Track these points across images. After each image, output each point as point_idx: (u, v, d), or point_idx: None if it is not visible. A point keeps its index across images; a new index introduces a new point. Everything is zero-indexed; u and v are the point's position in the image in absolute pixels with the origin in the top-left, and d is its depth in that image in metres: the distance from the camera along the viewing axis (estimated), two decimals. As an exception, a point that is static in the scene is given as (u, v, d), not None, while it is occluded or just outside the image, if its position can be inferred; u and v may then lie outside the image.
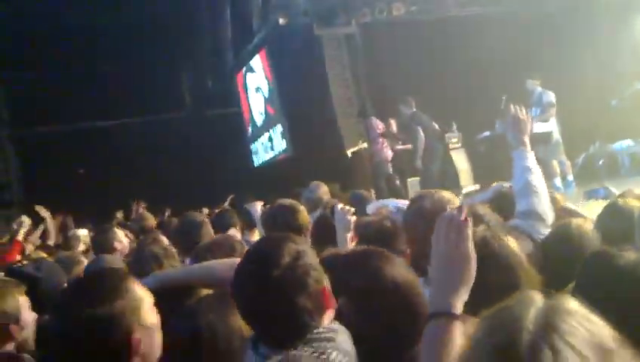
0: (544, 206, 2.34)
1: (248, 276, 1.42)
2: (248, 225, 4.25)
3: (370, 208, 3.91)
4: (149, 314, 1.45)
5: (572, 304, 0.85)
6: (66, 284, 2.76)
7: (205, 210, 7.38)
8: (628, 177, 6.66)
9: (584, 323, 0.82)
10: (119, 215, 8.98)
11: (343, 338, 1.39)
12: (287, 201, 3.45)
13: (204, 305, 1.59)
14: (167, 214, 8.93)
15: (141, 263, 2.59)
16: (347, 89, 11.50)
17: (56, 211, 6.97)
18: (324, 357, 1.32)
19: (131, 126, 16.13)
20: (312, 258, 1.44)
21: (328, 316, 1.42)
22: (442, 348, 1.22)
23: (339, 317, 1.46)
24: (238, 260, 1.55)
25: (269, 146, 14.86)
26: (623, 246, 1.51)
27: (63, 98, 14.55)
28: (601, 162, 8.52)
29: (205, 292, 1.86)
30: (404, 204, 3.16)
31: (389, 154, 8.81)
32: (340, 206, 2.31)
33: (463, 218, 1.36)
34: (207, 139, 16.01)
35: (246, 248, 3.22)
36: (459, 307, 1.28)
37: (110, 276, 1.49)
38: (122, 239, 4.36)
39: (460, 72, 10.71)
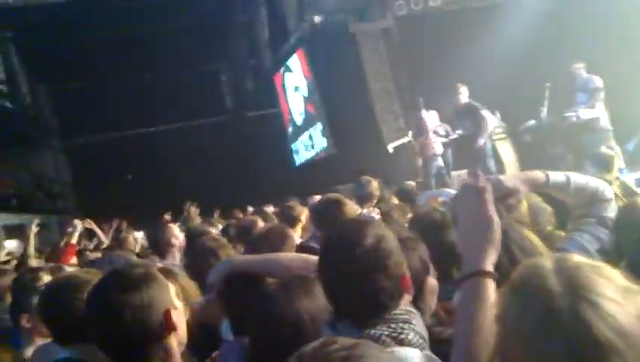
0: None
1: (334, 254, 1.49)
2: (287, 221, 4.22)
3: (422, 199, 3.92)
4: (176, 300, 1.57)
5: (575, 258, 0.93)
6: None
7: (250, 209, 7.50)
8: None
9: (598, 272, 0.90)
10: (167, 216, 9.21)
11: (418, 322, 1.45)
12: (334, 195, 3.48)
13: (292, 290, 1.64)
14: (216, 215, 9.12)
15: (197, 257, 2.68)
16: (387, 83, 11.42)
17: (107, 216, 7.21)
18: (402, 337, 1.38)
19: (175, 131, 16.53)
20: (393, 243, 1.50)
21: (406, 300, 1.48)
22: (480, 305, 1.25)
23: None
24: (299, 254, 1.60)
25: (309, 145, 14.92)
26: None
27: (110, 107, 15.04)
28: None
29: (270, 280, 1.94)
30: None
31: (440, 148, 8.74)
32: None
33: (481, 184, 1.39)
34: (249, 140, 16.22)
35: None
36: (489, 266, 1.31)
37: (137, 267, 1.59)
38: (179, 235, 4.31)
39: (500, 60, 10.46)
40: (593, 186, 1.81)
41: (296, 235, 3.90)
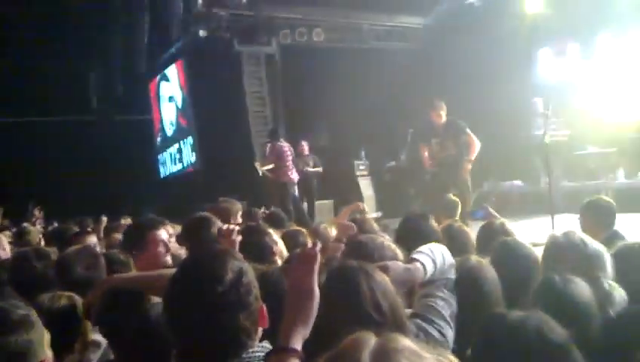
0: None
1: (189, 290, 1.39)
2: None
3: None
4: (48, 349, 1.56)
5: (402, 342, 0.87)
6: None
7: (104, 219, 7.21)
8: (517, 217, 7.28)
9: (415, 360, 0.85)
10: (1, 211, 8.54)
11: None
12: (205, 213, 3.45)
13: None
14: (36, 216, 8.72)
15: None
16: (263, 107, 11.68)
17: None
18: None
19: (32, 125, 15.29)
20: (252, 275, 1.44)
21: (259, 333, 1.43)
22: None
23: None
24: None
25: (177, 158, 14.68)
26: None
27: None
28: (493, 199, 9.24)
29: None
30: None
31: (296, 176, 9.02)
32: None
33: (313, 252, 1.39)
34: (113, 145, 15.49)
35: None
36: (297, 343, 1.29)
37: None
38: (6, 246, 4.00)
39: (372, 102, 11.25)
40: (448, 261, 2.00)
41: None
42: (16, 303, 1.66)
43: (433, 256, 1.95)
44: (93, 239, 4.06)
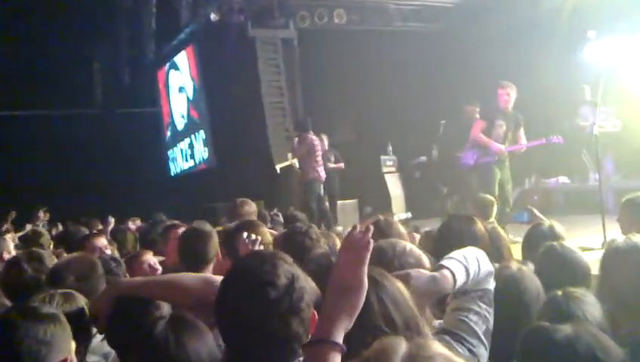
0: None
1: (241, 295, 1.45)
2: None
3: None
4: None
5: (434, 348, 0.91)
6: None
7: (112, 220, 7.34)
8: (562, 216, 7.16)
9: None
10: (13, 215, 8.81)
11: None
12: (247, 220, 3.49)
13: (183, 332, 1.59)
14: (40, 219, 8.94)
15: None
16: (281, 97, 11.64)
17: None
18: None
19: (32, 118, 15.55)
20: (304, 280, 1.49)
21: None
22: None
23: None
24: (210, 276, 1.60)
25: (188, 154, 14.77)
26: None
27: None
28: (535, 198, 9.13)
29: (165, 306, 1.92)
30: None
31: (323, 174, 8.98)
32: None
33: (366, 241, 1.40)
34: (119, 140, 15.68)
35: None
36: (338, 336, 1.31)
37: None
38: (12, 250, 4.23)
39: (400, 90, 11.17)
40: (485, 269, 1.93)
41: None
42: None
43: (466, 263, 1.89)
44: (102, 241, 4.14)
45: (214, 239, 3.14)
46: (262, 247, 2.63)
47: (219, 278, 1.68)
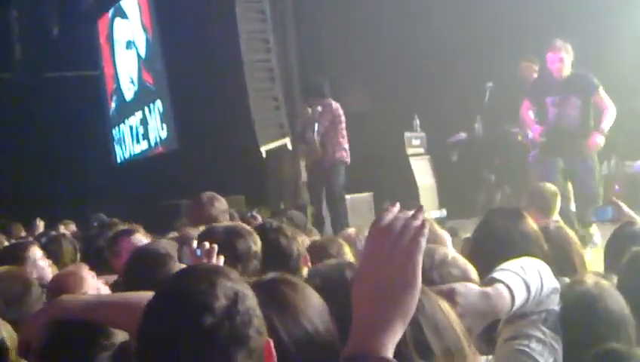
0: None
1: (168, 321, 1.47)
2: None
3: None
4: None
5: None
6: None
7: (40, 224, 7.40)
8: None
9: None
10: None
11: None
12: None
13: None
14: None
15: None
16: (267, 54, 11.60)
17: None
18: None
19: None
20: (253, 301, 1.51)
21: None
22: None
23: None
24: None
25: (140, 133, 14.79)
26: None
27: None
28: (617, 187, 9.14)
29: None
30: None
31: (345, 152, 9.07)
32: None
33: (419, 224, 1.42)
34: (45, 114, 15.69)
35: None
36: (390, 349, 1.34)
37: None
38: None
39: (429, 42, 11.14)
40: (549, 285, 1.97)
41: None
42: None
43: (525, 277, 1.90)
44: (36, 252, 4.17)
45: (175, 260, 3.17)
46: (219, 261, 2.64)
47: None
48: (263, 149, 10.54)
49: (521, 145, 8.55)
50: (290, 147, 10.18)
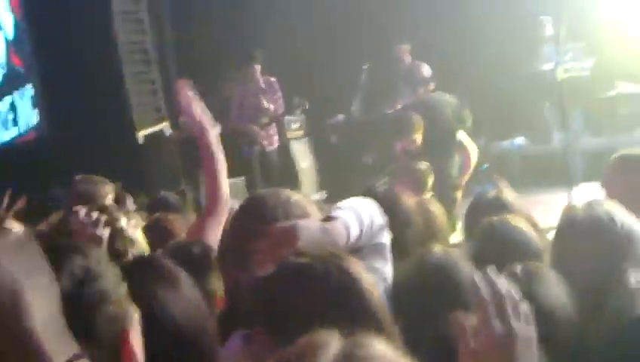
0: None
1: None
2: None
3: None
4: None
5: (375, 347, 1.00)
6: None
7: None
8: (519, 187, 7.47)
9: None
10: None
11: None
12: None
13: None
14: None
15: None
16: (142, 35, 11.49)
17: None
18: None
19: None
20: (111, 280, 1.31)
21: None
22: None
23: None
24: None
25: (10, 119, 14.37)
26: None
27: None
28: (485, 166, 9.48)
29: None
30: None
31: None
32: None
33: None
34: None
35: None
36: None
37: None
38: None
39: (305, 23, 11.23)
40: (378, 221, 2.19)
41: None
42: None
43: (358, 214, 2.11)
44: None
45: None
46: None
47: None
48: (141, 135, 10.40)
49: None
50: (167, 133, 10.07)
